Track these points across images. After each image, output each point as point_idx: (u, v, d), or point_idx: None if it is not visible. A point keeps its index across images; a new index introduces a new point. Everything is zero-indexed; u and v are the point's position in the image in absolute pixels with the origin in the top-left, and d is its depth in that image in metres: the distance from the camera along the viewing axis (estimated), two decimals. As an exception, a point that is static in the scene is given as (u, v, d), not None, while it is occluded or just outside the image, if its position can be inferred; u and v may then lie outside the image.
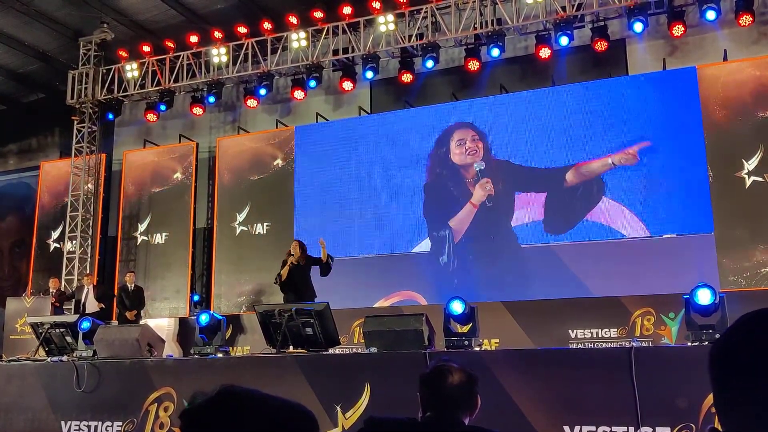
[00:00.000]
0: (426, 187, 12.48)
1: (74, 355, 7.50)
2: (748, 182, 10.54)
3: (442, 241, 12.22)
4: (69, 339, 7.79)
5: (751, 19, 10.73)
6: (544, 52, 11.74)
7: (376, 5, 12.51)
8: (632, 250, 10.99)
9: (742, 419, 0.93)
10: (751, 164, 10.53)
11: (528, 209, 11.78)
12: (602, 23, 11.59)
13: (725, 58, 11.26)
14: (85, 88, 14.58)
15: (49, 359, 7.61)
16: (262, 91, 13.69)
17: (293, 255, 9.32)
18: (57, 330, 7.89)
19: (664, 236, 10.81)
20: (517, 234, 11.76)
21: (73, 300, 12.76)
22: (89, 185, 14.64)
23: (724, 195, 10.60)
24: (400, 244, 12.40)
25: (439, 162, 12.47)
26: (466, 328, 6.45)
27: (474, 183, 12.18)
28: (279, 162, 13.62)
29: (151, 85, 14.22)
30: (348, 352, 8.53)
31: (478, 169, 12.14)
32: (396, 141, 12.73)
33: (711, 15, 10.87)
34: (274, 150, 13.76)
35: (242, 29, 13.49)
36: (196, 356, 7.27)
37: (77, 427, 6.93)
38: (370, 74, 12.85)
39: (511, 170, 11.96)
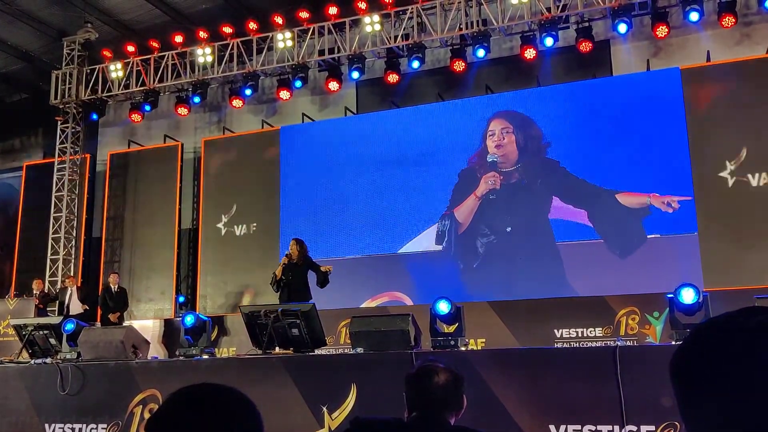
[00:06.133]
0: (460, 175, 12.29)
1: (58, 357, 7.44)
2: (731, 182, 10.63)
3: (445, 230, 12.11)
4: (53, 341, 7.73)
5: (733, 20, 10.84)
6: (529, 53, 11.79)
7: (362, 5, 12.50)
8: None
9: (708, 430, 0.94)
10: (734, 164, 10.62)
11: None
12: (587, 24, 11.66)
13: (708, 59, 11.36)
14: (69, 89, 14.46)
15: (32, 361, 7.55)
16: (248, 92, 13.63)
17: (289, 253, 9.19)
18: (41, 332, 7.82)
19: (649, 236, 10.88)
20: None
21: (57, 302, 12.66)
22: (73, 186, 14.54)
23: (707, 195, 10.69)
24: (387, 245, 12.40)
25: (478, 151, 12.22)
26: (452, 328, 6.46)
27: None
28: (264, 163, 13.57)
29: (136, 86, 14.12)
30: (334, 352, 8.51)
31: (490, 160, 12.04)
32: (382, 141, 12.72)
33: (694, 16, 10.96)
34: (260, 151, 13.72)
35: (227, 29, 13.43)
36: (182, 358, 7.23)
37: (61, 430, 6.88)
38: (356, 74, 12.85)
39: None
